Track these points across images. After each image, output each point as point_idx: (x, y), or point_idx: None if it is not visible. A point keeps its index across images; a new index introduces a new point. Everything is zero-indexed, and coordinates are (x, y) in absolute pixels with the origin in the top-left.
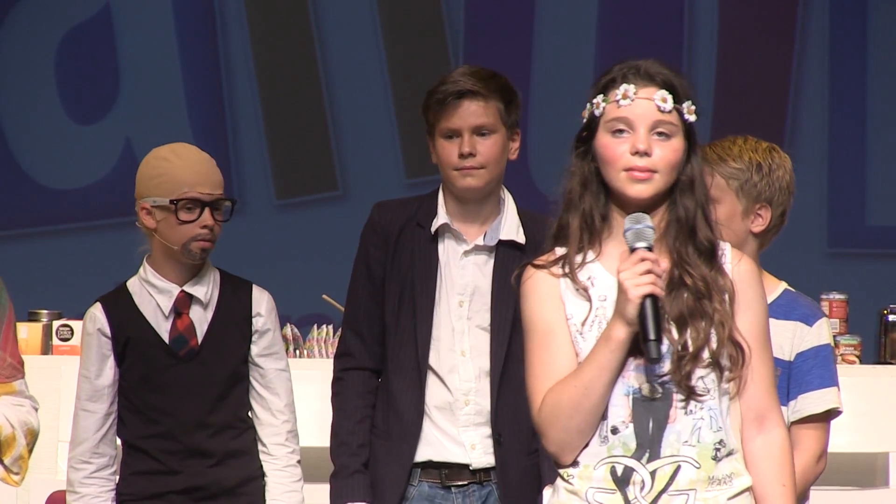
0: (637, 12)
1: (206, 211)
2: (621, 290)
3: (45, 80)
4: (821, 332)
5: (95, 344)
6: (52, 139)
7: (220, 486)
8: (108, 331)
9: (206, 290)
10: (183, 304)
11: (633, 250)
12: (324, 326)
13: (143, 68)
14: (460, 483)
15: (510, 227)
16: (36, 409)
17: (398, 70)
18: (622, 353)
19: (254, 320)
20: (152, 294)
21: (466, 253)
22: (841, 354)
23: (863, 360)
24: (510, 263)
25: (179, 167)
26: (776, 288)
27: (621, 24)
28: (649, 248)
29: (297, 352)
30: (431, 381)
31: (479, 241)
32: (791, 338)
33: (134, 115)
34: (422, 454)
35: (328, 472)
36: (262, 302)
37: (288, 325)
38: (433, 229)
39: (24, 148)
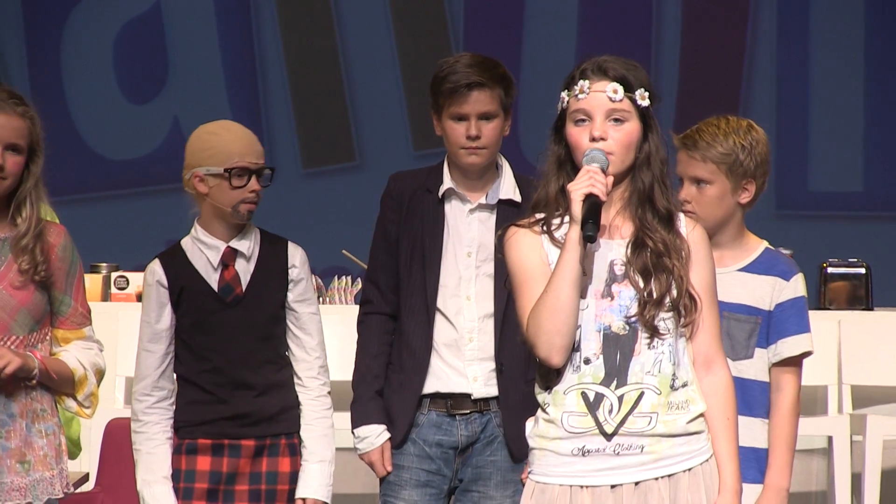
0: (612, 7)
1: (253, 178)
2: (570, 199)
3: (104, 66)
4: (797, 286)
5: (154, 294)
6: (110, 117)
7: (263, 413)
8: (165, 282)
9: (248, 245)
10: (229, 257)
11: None
12: (343, 277)
13: (188, 56)
14: (463, 412)
15: (507, 187)
16: (101, 351)
17: (407, 58)
18: (576, 252)
19: (289, 271)
20: (202, 250)
21: (471, 211)
22: None
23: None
24: (510, 218)
25: (230, 140)
26: (758, 247)
27: (598, 16)
28: (603, 170)
29: (321, 299)
30: (439, 322)
31: (482, 201)
32: (770, 291)
33: (180, 97)
34: (430, 386)
35: (348, 402)
36: (296, 255)
37: (312, 276)
38: (440, 194)
39: (86, 124)
